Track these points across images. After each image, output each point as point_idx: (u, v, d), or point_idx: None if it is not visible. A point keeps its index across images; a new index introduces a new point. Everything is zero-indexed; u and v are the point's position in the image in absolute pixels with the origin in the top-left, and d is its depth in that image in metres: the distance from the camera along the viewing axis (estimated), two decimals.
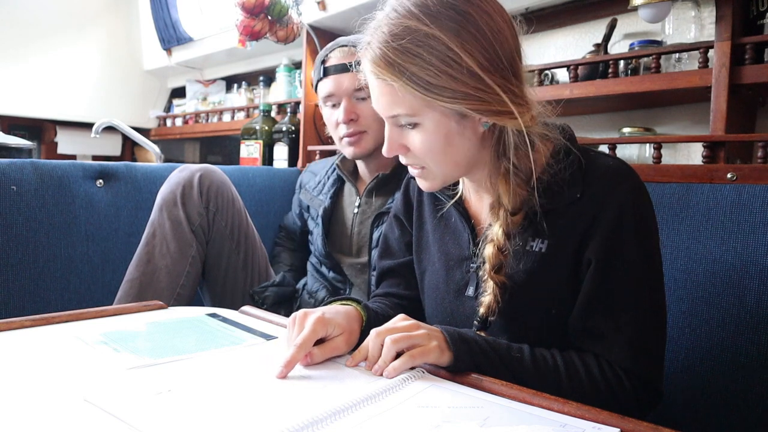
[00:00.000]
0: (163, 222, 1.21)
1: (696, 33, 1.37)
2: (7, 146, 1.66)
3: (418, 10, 0.70)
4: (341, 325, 0.74)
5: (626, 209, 0.73)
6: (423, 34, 0.69)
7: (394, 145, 0.78)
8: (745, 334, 0.94)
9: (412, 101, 0.72)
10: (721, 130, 1.20)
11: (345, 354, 0.74)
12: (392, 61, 0.70)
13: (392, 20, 0.71)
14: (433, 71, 0.69)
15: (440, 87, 0.69)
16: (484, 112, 0.71)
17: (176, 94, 3.31)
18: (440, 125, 0.73)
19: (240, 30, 1.82)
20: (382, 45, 0.70)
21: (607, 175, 0.75)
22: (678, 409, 1.00)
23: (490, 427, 0.54)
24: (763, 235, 0.94)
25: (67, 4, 2.91)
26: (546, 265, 0.76)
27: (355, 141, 1.26)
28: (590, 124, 1.71)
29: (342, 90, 1.25)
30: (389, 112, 0.75)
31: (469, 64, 0.69)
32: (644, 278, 0.73)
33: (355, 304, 0.82)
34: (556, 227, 0.75)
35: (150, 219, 1.24)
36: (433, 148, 0.75)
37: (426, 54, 0.68)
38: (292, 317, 0.75)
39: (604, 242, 0.73)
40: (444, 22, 0.69)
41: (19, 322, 0.82)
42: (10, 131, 2.64)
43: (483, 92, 0.70)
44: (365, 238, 1.29)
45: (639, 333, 0.71)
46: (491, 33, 0.70)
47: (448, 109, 0.72)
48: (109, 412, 0.54)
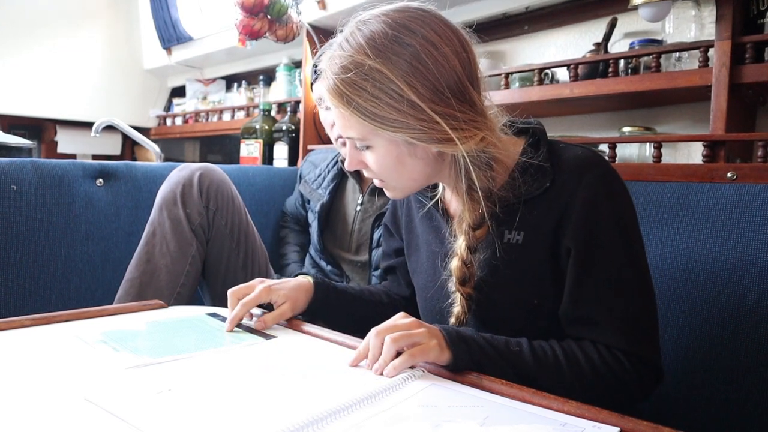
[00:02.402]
0: (163, 221, 1.20)
1: (696, 32, 1.37)
2: (7, 146, 1.66)
3: (366, 44, 0.73)
4: (285, 294, 0.89)
5: (598, 194, 0.74)
6: (368, 68, 0.72)
7: (353, 161, 0.83)
8: (745, 333, 0.94)
9: (361, 127, 0.76)
10: (721, 129, 1.20)
11: (291, 316, 0.89)
12: (341, 92, 0.74)
13: (343, 52, 0.74)
14: (376, 103, 0.73)
15: (384, 117, 0.73)
16: (427, 140, 0.74)
17: (176, 94, 3.31)
18: (389, 149, 0.78)
19: (240, 29, 1.82)
20: (333, 76, 0.75)
21: (575, 164, 0.77)
22: (678, 409, 1.00)
23: (490, 426, 0.54)
24: (763, 235, 0.94)
25: (67, 4, 2.91)
26: (523, 256, 0.78)
27: None
28: (590, 124, 1.71)
29: None
30: (344, 134, 0.80)
31: (410, 96, 0.72)
32: (626, 260, 0.74)
33: (309, 278, 0.95)
34: (530, 218, 0.77)
35: (150, 218, 1.24)
36: (387, 167, 0.80)
37: (370, 87, 0.72)
38: (243, 285, 0.89)
39: (581, 229, 0.74)
40: (388, 56, 0.72)
41: (19, 322, 0.82)
42: (10, 131, 2.63)
43: (425, 122, 0.73)
44: (365, 236, 1.29)
45: (630, 314, 0.73)
46: (434, 64, 0.73)
47: (395, 136, 0.75)
48: (110, 412, 0.54)
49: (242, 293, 0.88)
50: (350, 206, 1.36)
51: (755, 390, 0.92)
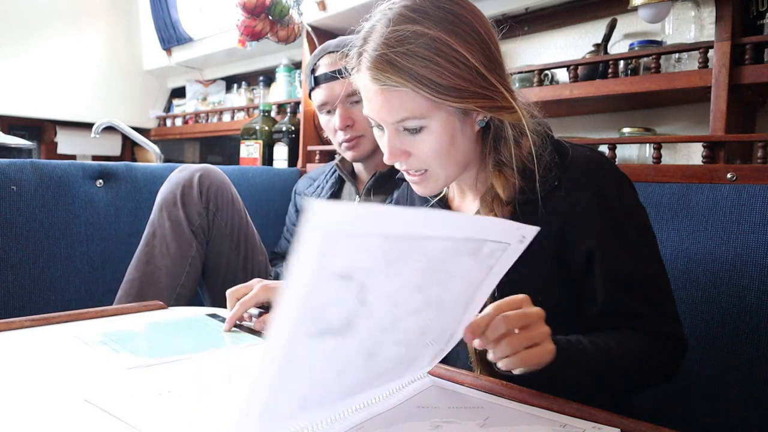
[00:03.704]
0: (163, 222, 1.20)
1: (696, 33, 1.38)
2: (7, 146, 1.66)
3: (417, 15, 0.71)
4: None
5: (611, 195, 0.75)
6: (429, 38, 0.70)
7: (396, 152, 0.77)
8: (745, 333, 0.94)
9: (420, 104, 0.72)
10: (721, 130, 1.20)
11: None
12: (400, 65, 0.70)
13: (392, 26, 0.71)
14: (441, 72, 0.70)
15: (449, 87, 0.71)
16: (490, 108, 0.73)
17: (176, 94, 3.31)
18: (446, 126, 0.75)
19: (241, 30, 1.82)
20: (385, 50, 0.71)
21: (583, 164, 0.77)
22: (678, 409, 1.00)
23: (491, 427, 0.54)
24: (763, 235, 0.94)
25: (67, 5, 2.91)
26: (529, 254, 0.77)
27: (354, 145, 1.28)
28: (590, 124, 1.71)
29: (335, 97, 1.26)
30: (393, 117, 0.74)
31: (474, 63, 0.71)
32: (649, 253, 0.76)
33: None
34: (536, 216, 0.76)
35: (150, 219, 1.24)
36: (440, 149, 0.76)
37: (436, 57, 0.70)
38: (241, 285, 0.90)
39: (601, 230, 0.75)
40: (444, 25, 0.71)
41: (19, 322, 0.82)
42: (10, 131, 2.64)
43: (489, 90, 0.72)
44: None
45: (662, 300, 0.76)
46: (485, 33, 0.74)
47: (454, 109, 0.74)
48: (109, 413, 0.54)
49: (241, 293, 0.88)
50: None
51: (755, 390, 0.92)
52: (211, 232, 1.25)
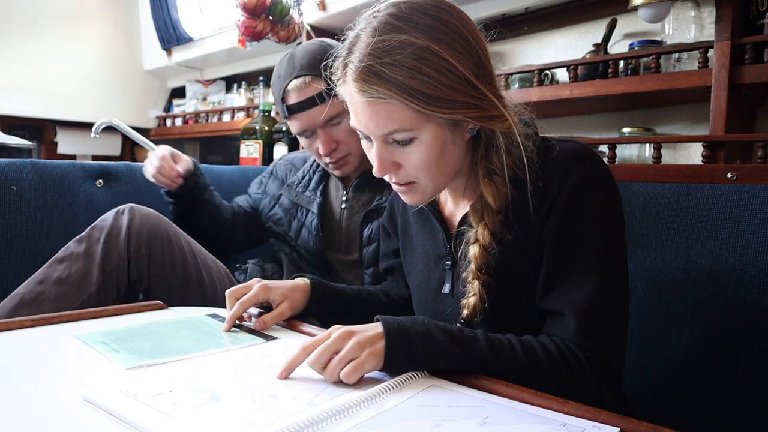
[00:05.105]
0: (78, 252, 1.12)
1: (696, 33, 1.38)
2: (7, 146, 1.66)
3: (403, 23, 0.69)
4: (283, 293, 0.88)
5: (580, 187, 0.73)
6: (416, 47, 0.68)
7: (386, 164, 0.75)
8: (745, 333, 0.94)
9: (409, 116, 0.70)
10: (721, 130, 1.20)
11: (290, 316, 0.89)
12: (387, 77, 0.68)
13: (378, 35, 0.69)
14: (430, 83, 0.68)
15: (439, 98, 0.68)
16: (480, 118, 0.72)
17: (176, 94, 3.31)
18: (437, 137, 0.73)
19: (242, 30, 1.82)
20: (372, 62, 0.68)
21: (563, 158, 0.75)
22: (678, 409, 1.00)
23: (491, 426, 0.54)
24: (763, 235, 0.94)
25: (68, 4, 2.91)
26: (517, 255, 0.77)
27: (341, 165, 1.26)
28: (590, 124, 1.71)
29: (313, 123, 1.21)
30: (381, 130, 0.72)
31: (463, 72, 0.69)
32: (599, 253, 0.72)
33: (306, 278, 0.94)
34: (522, 216, 0.76)
35: (67, 244, 1.17)
36: (430, 161, 0.74)
37: (425, 68, 0.67)
38: (241, 285, 0.89)
39: (558, 220, 0.73)
40: (432, 33, 0.69)
41: (19, 322, 0.82)
42: (10, 131, 2.64)
43: (479, 99, 0.71)
44: (354, 233, 1.28)
45: (592, 310, 0.70)
46: (474, 40, 0.71)
47: (444, 120, 0.72)
48: (109, 412, 0.54)
49: (240, 293, 0.88)
50: (335, 204, 1.35)
51: (755, 390, 0.92)
52: (150, 271, 1.19)
